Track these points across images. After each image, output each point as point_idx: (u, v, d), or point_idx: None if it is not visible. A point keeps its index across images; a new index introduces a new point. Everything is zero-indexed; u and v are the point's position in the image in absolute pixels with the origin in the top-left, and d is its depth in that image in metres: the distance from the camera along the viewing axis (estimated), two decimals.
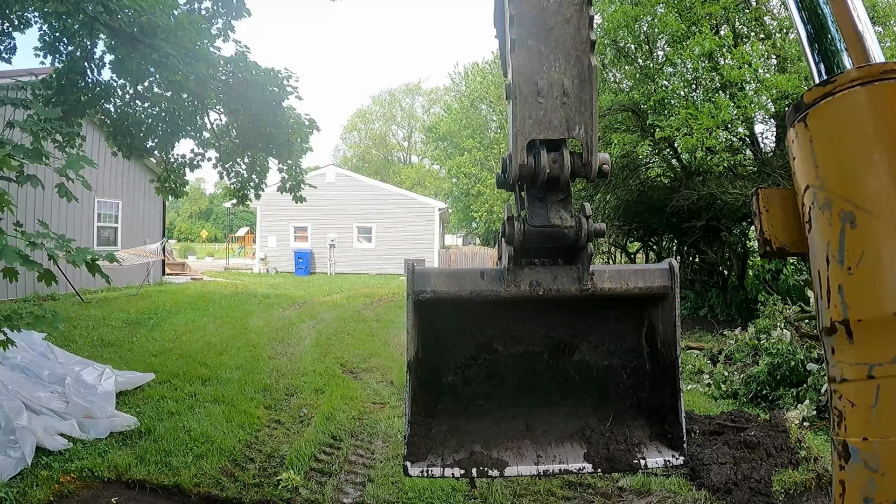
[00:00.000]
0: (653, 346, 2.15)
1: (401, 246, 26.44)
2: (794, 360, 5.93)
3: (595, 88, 1.79)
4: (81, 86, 6.61)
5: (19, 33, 6.20)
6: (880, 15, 9.55)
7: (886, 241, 0.96)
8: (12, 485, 3.60)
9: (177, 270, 20.83)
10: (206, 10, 7.04)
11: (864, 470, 0.97)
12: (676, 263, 2.05)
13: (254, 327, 10.35)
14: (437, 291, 1.95)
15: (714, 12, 9.95)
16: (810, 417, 5.20)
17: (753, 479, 3.85)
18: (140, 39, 5.13)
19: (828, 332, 1.05)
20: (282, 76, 6.68)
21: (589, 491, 3.91)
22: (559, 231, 1.87)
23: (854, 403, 0.99)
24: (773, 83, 9.19)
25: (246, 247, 40.25)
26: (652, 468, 2.14)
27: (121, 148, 7.47)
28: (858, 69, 1.06)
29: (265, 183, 8.20)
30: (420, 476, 1.95)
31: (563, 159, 1.80)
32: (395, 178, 47.84)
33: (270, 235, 27.25)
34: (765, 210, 1.23)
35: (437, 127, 36.32)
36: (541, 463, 2.05)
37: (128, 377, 5.79)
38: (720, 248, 12.91)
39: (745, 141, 11.52)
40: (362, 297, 16.47)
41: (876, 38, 1.19)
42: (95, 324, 9.59)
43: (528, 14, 1.78)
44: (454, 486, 3.86)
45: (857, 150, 1.03)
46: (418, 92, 57.04)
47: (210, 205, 70.18)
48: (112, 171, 15.05)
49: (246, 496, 3.82)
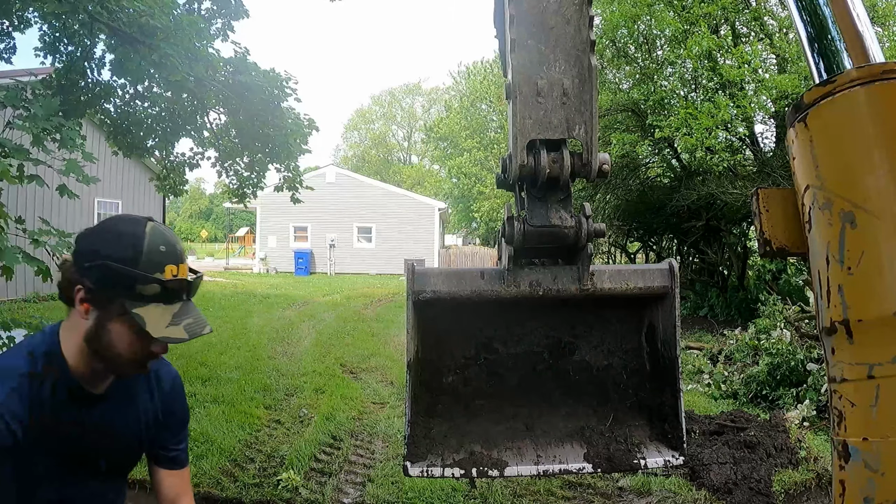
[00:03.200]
0: (653, 346, 2.15)
1: (401, 246, 26.43)
2: (794, 360, 5.93)
3: (595, 88, 1.79)
4: (81, 85, 6.61)
5: (19, 33, 6.20)
6: (880, 15, 9.55)
7: (886, 241, 0.96)
8: None
9: None
10: (205, 11, 7.05)
11: (864, 470, 0.97)
12: (676, 263, 2.05)
13: (254, 327, 10.35)
14: (437, 291, 1.95)
15: (712, 12, 9.95)
16: (810, 417, 5.21)
17: (753, 479, 3.85)
18: (140, 40, 5.13)
19: (828, 332, 1.05)
20: (281, 78, 6.68)
21: (589, 491, 3.91)
22: (559, 231, 1.87)
23: (854, 403, 0.99)
24: (773, 83, 9.19)
25: (246, 247, 40.25)
26: (652, 468, 2.15)
27: (121, 147, 7.47)
28: (858, 69, 1.06)
29: (264, 182, 8.21)
30: (420, 476, 1.95)
31: (563, 159, 1.80)
32: (395, 178, 47.86)
33: (270, 235, 27.25)
34: (765, 210, 1.23)
35: (438, 127, 36.31)
36: (541, 463, 2.05)
37: None
38: (720, 248, 12.91)
39: (744, 141, 11.52)
40: (362, 297, 16.47)
41: (876, 38, 1.19)
42: None
43: (528, 14, 1.78)
44: (454, 486, 3.86)
45: (857, 150, 1.03)
46: (418, 92, 57.09)
47: (210, 205, 70.19)
48: (112, 170, 15.06)
49: (246, 496, 3.82)
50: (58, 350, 1.27)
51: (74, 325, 1.26)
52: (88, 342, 1.24)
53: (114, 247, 1.20)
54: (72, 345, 1.27)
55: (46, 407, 1.23)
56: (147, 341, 1.24)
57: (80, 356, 1.26)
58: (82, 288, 1.22)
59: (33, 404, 1.21)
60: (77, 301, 1.23)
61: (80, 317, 1.24)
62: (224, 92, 6.33)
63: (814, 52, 1.24)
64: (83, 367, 1.27)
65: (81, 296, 1.22)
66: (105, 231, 1.25)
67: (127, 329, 1.22)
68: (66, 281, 1.25)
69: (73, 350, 1.26)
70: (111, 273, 1.19)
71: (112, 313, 1.22)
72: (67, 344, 1.27)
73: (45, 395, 1.23)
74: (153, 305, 1.21)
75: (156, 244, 1.22)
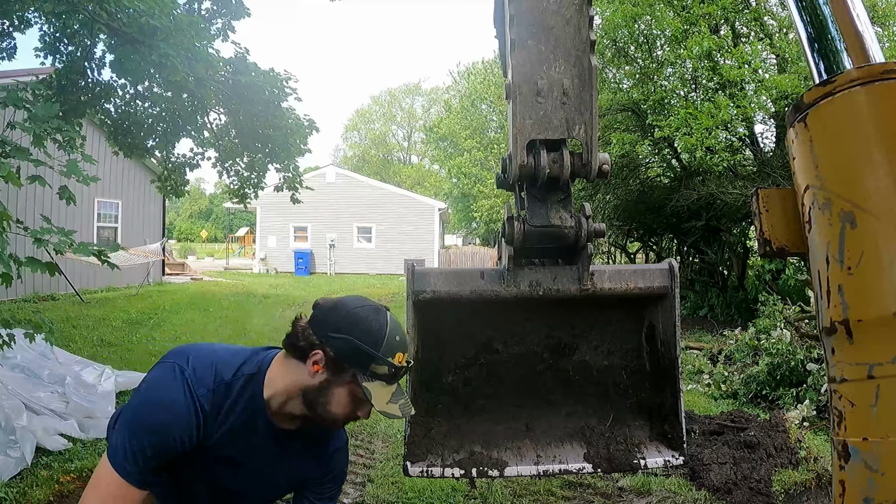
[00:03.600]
0: (653, 346, 2.15)
1: (401, 246, 26.42)
2: (794, 360, 5.92)
3: (595, 88, 1.79)
4: (82, 86, 6.61)
5: (20, 34, 6.20)
6: (880, 15, 9.55)
7: (886, 241, 0.96)
8: (12, 485, 3.60)
9: (177, 270, 20.83)
10: (206, 11, 7.05)
11: (864, 470, 0.97)
12: (676, 263, 2.05)
13: (254, 327, 10.35)
14: (437, 291, 1.95)
15: (712, 12, 9.95)
16: (810, 417, 5.20)
17: (753, 479, 3.85)
18: (140, 40, 5.13)
19: (828, 332, 1.05)
20: (281, 78, 6.68)
21: (589, 491, 3.91)
22: (559, 231, 1.87)
23: (854, 403, 0.99)
24: (773, 83, 9.19)
25: (246, 247, 40.23)
26: (652, 468, 2.15)
27: (121, 147, 7.47)
28: (858, 69, 1.06)
29: (265, 182, 8.21)
30: (420, 476, 1.95)
31: (562, 159, 1.80)
32: (395, 178, 47.84)
33: (270, 235, 27.25)
34: (765, 210, 1.23)
35: (438, 127, 36.29)
36: (541, 463, 2.05)
37: (128, 377, 5.78)
38: (720, 248, 12.90)
39: (744, 141, 11.52)
40: None
41: (876, 38, 1.19)
42: (95, 324, 9.59)
43: (528, 14, 1.78)
44: (454, 486, 3.85)
45: (857, 150, 1.03)
46: (418, 92, 57.07)
47: (210, 205, 70.17)
48: (112, 171, 15.05)
49: None
50: (261, 379, 1.45)
51: (292, 372, 1.44)
52: (305, 393, 1.43)
53: (361, 328, 1.39)
54: (279, 384, 1.44)
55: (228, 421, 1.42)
56: (356, 408, 1.45)
57: (281, 396, 1.45)
58: (322, 353, 1.40)
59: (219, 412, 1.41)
60: (311, 361, 1.41)
61: (305, 372, 1.42)
62: (224, 92, 6.33)
63: (814, 52, 1.24)
64: (276, 406, 1.45)
65: (317, 359, 1.41)
66: (351, 310, 1.43)
67: (350, 396, 1.42)
68: (304, 341, 1.42)
69: (278, 388, 1.44)
70: (354, 349, 1.38)
71: (342, 380, 1.41)
72: (274, 380, 1.45)
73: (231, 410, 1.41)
74: (379, 383, 1.41)
75: (393, 334, 1.42)
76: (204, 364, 1.43)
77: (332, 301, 1.48)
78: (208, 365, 1.43)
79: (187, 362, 1.42)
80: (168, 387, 1.38)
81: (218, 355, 1.49)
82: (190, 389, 1.38)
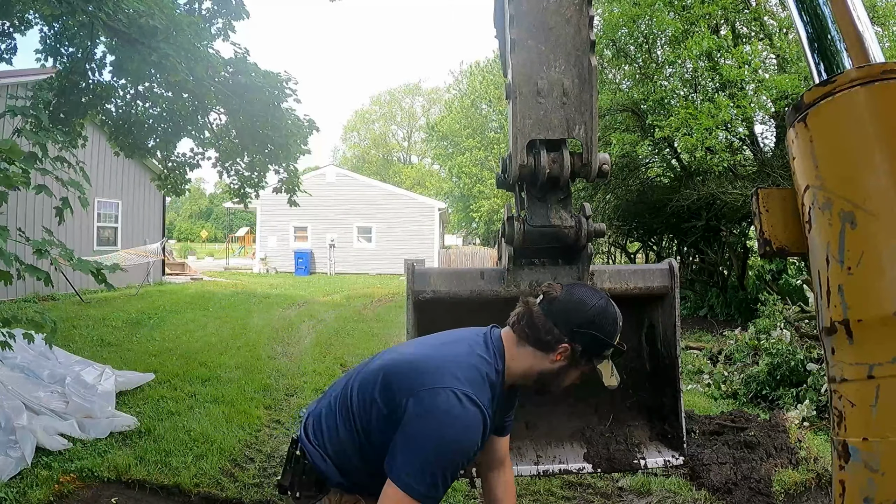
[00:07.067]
0: (653, 346, 2.15)
1: (401, 246, 26.42)
2: (794, 360, 5.92)
3: (595, 89, 1.79)
4: (82, 87, 6.61)
5: (20, 35, 6.21)
6: (880, 15, 9.54)
7: (886, 241, 0.96)
8: (12, 485, 3.60)
9: (177, 270, 20.82)
10: (206, 11, 7.05)
11: (864, 470, 0.97)
12: (676, 263, 2.05)
13: (254, 327, 10.35)
14: (437, 291, 1.95)
15: (712, 12, 9.95)
16: (810, 417, 5.20)
17: (753, 479, 3.85)
18: (140, 40, 5.14)
19: (828, 332, 1.05)
20: (281, 78, 6.68)
21: (589, 491, 3.91)
22: (559, 231, 1.87)
23: (854, 403, 0.99)
24: (773, 83, 9.19)
25: (246, 247, 40.22)
26: (652, 468, 2.15)
27: (122, 148, 7.48)
28: (858, 69, 1.06)
29: (265, 182, 8.22)
30: None
31: (563, 159, 1.80)
32: (395, 178, 47.85)
33: (270, 235, 27.25)
34: (765, 210, 1.23)
35: (439, 125, 36.27)
36: (541, 463, 2.05)
37: (128, 377, 5.79)
38: (720, 248, 12.91)
39: (744, 141, 11.52)
40: (362, 297, 16.47)
41: (876, 38, 1.19)
42: (95, 324, 9.59)
43: (528, 14, 1.78)
44: (454, 486, 3.85)
45: (857, 150, 1.03)
46: (418, 92, 57.07)
47: (210, 205, 70.18)
48: (112, 170, 15.05)
49: (246, 496, 3.82)
50: (502, 367, 1.63)
51: (529, 357, 1.62)
52: (542, 375, 1.63)
53: (601, 323, 1.58)
54: (517, 368, 1.63)
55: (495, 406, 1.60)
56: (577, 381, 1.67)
57: (516, 377, 1.64)
58: (569, 347, 1.57)
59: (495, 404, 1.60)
60: (557, 353, 1.59)
61: (545, 360, 1.60)
62: (224, 92, 6.33)
63: (814, 53, 1.24)
64: (511, 381, 1.65)
65: (564, 351, 1.58)
66: (592, 306, 1.60)
67: (579, 374, 1.64)
68: (550, 335, 1.58)
69: (516, 372, 1.63)
70: (598, 343, 1.58)
71: (579, 364, 1.61)
72: (514, 364, 1.63)
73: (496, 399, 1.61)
74: (606, 362, 1.63)
75: (617, 321, 1.61)
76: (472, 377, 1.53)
77: (570, 295, 1.61)
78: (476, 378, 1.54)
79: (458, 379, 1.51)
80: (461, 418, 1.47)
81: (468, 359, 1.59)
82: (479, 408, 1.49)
